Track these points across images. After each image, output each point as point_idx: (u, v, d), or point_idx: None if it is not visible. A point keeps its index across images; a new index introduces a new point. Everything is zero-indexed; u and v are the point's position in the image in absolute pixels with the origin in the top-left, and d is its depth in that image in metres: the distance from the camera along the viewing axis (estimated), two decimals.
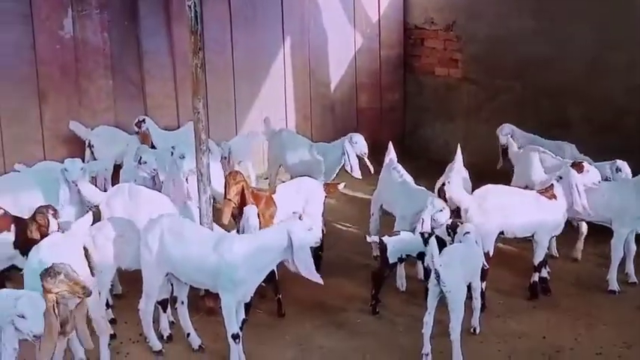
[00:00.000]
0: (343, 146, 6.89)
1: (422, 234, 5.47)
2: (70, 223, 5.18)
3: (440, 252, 4.75)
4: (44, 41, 7.65)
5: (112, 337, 5.00)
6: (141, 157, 6.42)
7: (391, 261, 5.52)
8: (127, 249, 5.07)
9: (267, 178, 8.19)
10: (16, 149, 7.52)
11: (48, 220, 4.97)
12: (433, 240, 4.81)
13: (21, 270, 5.20)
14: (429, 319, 4.83)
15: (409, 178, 6.23)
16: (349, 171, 6.87)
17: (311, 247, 4.74)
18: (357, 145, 6.88)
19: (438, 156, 8.30)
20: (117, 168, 7.35)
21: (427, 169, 6.37)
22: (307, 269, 4.57)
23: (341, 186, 6.31)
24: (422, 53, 9.54)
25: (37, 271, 4.12)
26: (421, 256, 5.51)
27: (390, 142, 6.68)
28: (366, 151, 6.91)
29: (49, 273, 3.99)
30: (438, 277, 4.73)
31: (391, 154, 6.53)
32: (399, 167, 6.29)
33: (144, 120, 7.63)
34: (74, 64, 7.83)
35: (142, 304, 4.95)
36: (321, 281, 4.65)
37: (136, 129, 7.60)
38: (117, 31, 8.02)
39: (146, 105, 8.30)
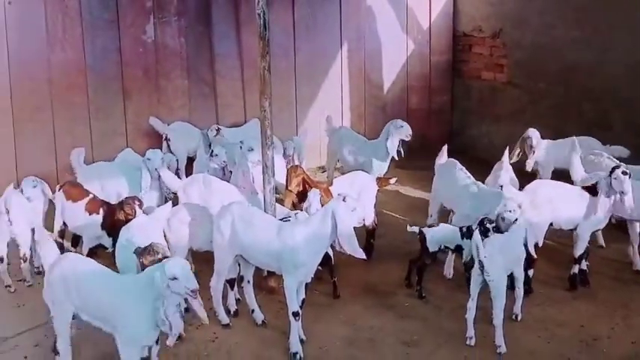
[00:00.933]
0: (388, 130, 6.82)
1: (460, 228, 5.37)
2: (153, 207, 5.31)
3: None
4: (129, 45, 7.86)
5: (186, 310, 5.08)
6: (212, 150, 6.53)
7: (431, 250, 5.45)
8: (200, 232, 5.17)
9: (324, 171, 8.23)
10: (103, 141, 7.76)
11: (134, 210, 5.10)
12: (477, 233, 4.75)
13: (106, 248, 5.41)
14: (472, 304, 4.78)
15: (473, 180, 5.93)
16: (390, 152, 6.77)
17: (357, 229, 4.68)
18: (403, 128, 6.77)
19: (483, 155, 8.18)
20: (190, 160, 7.54)
21: (472, 166, 6.26)
22: (351, 247, 4.52)
23: (392, 180, 6.28)
24: (469, 59, 9.40)
25: (126, 247, 4.27)
26: (459, 248, 5.42)
27: (445, 146, 6.48)
28: (410, 133, 6.79)
29: (148, 251, 4.09)
30: (482, 267, 4.67)
31: (444, 156, 6.34)
32: (464, 169, 6.00)
33: (219, 129, 7.70)
34: (154, 65, 8.02)
35: (213, 281, 5.03)
36: (364, 256, 4.63)
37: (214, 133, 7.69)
38: (192, 36, 8.17)
39: (217, 103, 8.44)
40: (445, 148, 6.48)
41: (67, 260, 4.23)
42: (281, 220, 5.02)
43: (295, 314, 4.71)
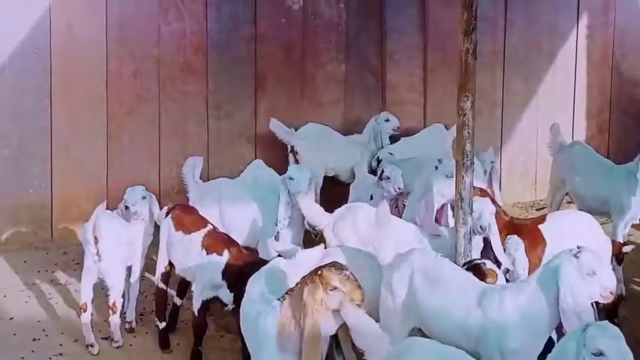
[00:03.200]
0: None
1: None
2: (296, 250, 5.38)
3: None
4: (267, 14, 8.13)
5: None
6: (383, 171, 6.53)
7: None
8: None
9: (541, 209, 8.00)
10: (221, 147, 8.08)
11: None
12: None
13: (225, 305, 5.53)
14: None
15: None
16: None
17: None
18: None
19: None
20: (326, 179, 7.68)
21: None
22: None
23: (627, 248, 6.06)
24: None
25: (257, 302, 4.37)
26: None
27: None
28: None
29: (334, 265, 4.15)
30: None
31: None
32: None
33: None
34: (300, 42, 8.24)
35: None
36: None
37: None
38: (355, 2, 8.29)
39: (384, 99, 8.49)
40: None
41: None
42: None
43: None
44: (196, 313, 5.56)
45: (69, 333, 6.04)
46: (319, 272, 4.15)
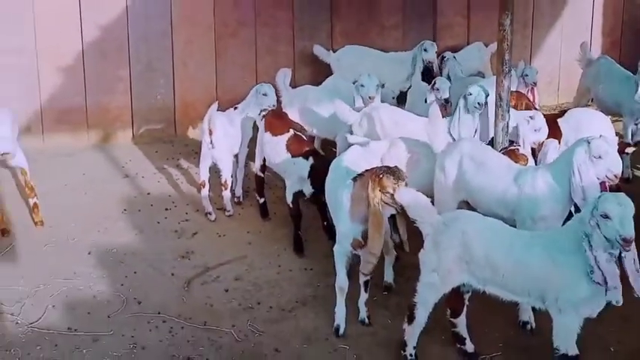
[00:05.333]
0: None
1: None
2: (367, 140, 5.32)
3: None
4: None
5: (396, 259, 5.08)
6: (435, 82, 6.37)
7: None
8: (416, 170, 5.08)
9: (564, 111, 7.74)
10: (306, 64, 7.88)
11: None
12: None
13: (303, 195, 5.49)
14: None
15: None
16: None
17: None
18: None
19: None
20: None
21: None
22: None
23: (630, 150, 5.74)
24: None
25: (337, 180, 4.39)
26: None
27: None
28: None
29: (393, 171, 4.10)
30: None
31: None
32: None
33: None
34: None
35: None
36: None
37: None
38: None
39: (435, 24, 8.19)
40: None
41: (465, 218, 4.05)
42: None
43: None
44: (290, 205, 5.50)
45: (192, 204, 6.17)
46: (381, 176, 4.08)
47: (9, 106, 5.84)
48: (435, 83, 6.38)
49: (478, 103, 5.47)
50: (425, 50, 7.40)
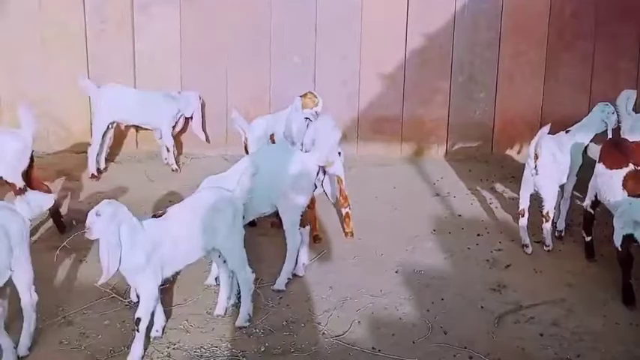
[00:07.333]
0: None
1: None
2: None
3: None
4: None
5: None
6: None
7: None
8: None
9: None
10: None
11: None
12: None
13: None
14: None
15: None
16: None
17: None
18: None
19: None
20: None
21: None
22: None
23: None
24: None
25: None
26: None
27: None
28: None
29: None
30: None
31: None
32: None
33: None
34: None
35: None
36: None
37: None
38: None
39: None
40: None
41: None
42: None
43: None
44: (619, 248, 4.95)
45: (506, 233, 5.92)
46: None
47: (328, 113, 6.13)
48: None
49: None
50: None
